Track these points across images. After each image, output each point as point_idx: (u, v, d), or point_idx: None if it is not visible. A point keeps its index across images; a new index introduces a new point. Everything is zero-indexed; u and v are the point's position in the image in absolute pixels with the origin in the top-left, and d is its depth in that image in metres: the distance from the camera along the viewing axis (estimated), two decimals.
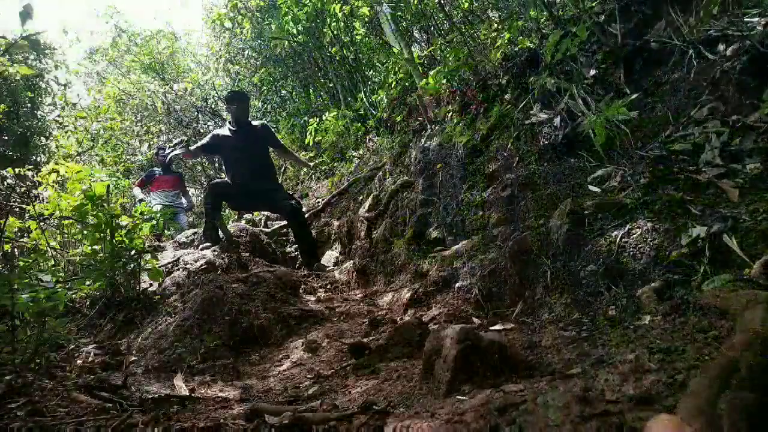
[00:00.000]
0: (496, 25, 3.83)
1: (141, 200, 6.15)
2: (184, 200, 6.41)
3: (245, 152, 4.07)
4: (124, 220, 2.84)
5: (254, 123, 4.32)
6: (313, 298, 3.10)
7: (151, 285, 3.01)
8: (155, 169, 6.45)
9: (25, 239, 3.73)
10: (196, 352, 2.06)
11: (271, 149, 4.45)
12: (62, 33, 17.46)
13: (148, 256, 2.82)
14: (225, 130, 4.21)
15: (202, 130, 9.90)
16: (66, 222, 4.09)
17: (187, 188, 6.98)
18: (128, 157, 9.37)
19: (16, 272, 2.25)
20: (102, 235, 2.74)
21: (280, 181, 4.76)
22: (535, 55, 2.88)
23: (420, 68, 4.31)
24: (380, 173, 4.46)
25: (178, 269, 3.39)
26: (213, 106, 9.74)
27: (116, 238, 2.73)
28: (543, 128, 2.50)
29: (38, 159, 8.00)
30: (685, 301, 1.08)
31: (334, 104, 6.85)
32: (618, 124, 2.01)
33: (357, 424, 0.93)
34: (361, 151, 5.49)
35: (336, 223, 4.69)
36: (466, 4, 4.72)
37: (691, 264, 1.25)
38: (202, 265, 3.36)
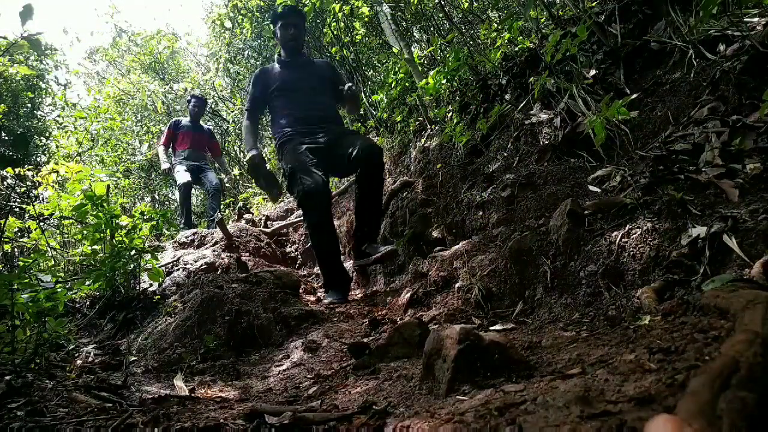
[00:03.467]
0: (496, 25, 3.83)
1: (167, 170, 5.38)
2: (211, 163, 5.62)
3: (302, 92, 2.85)
4: (124, 220, 2.84)
5: (314, 59, 3.22)
6: (313, 298, 3.10)
7: (151, 285, 3.01)
8: (182, 118, 5.57)
9: (25, 239, 3.73)
10: (196, 352, 2.06)
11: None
12: (62, 33, 17.50)
13: (148, 256, 2.83)
14: (272, 66, 3.03)
15: None
16: (66, 222, 4.10)
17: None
18: (128, 157, 9.38)
19: (16, 272, 2.25)
20: (102, 235, 2.75)
21: None
22: (535, 55, 2.88)
23: (420, 68, 4.31)
24: None
25: (178, 269, 3.39)
26: (213, 106, 9.74)
27: (116, 238, 2.74)
28: (543, 128, 2.50)
29: (38, 159, 8.01)
30: (685, 301, 1.08)
31: None
32: (618, 124, 2.01)
33: (357, 424, 0.93)
34: None
35: (336, 223, 4.69)
36: (466, 4, 4.72)
37: (691, 264, 1.25)
38: (202, 265, 3.37)
